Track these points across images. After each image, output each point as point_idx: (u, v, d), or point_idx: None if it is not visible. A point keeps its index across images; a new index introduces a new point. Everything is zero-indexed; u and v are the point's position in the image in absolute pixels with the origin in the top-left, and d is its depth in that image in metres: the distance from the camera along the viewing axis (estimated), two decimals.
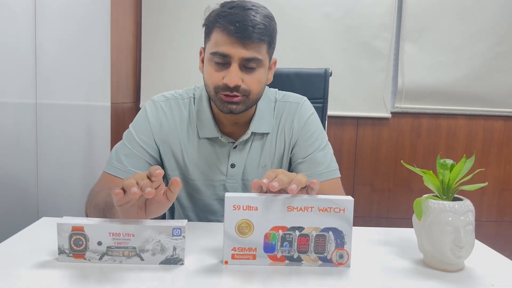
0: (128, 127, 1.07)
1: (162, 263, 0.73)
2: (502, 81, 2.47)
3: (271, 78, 1.05)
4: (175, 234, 0.71)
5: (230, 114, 0.96)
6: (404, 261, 0.79)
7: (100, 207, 0.87)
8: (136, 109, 2.53)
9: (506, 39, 2.44)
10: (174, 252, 0.72)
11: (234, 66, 0.91)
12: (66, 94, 1.62)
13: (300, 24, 2.46)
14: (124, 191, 0.69)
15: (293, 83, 1.42)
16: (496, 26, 2.44)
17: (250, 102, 0.97)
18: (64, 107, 1.61)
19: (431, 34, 2.46)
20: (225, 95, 0.93)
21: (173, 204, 1.21)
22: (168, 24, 2.50)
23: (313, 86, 1.43)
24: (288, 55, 2.43)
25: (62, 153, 1.61)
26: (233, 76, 0.91)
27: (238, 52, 0.90)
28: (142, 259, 0.72)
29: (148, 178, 0.70)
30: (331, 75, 1.44)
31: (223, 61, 0.92)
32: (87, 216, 0.93)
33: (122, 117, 2.29)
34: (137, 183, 0.69)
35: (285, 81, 1.24)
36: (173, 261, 0.73)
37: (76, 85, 1.67)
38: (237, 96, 0.93)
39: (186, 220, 0.74)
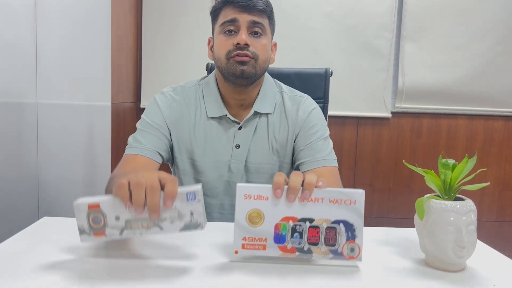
0: (128, 127, 1.09)
1: (182, 229, 0.70)
2: (502, 81, 2.47)
3: (274, 59, 1.15)
4: (190, 199, 0.69)
5: (241, 79, 1.03)
6: (406, 261, 0.79)
7: (109, 190, 0.87)
8: (137, 109, 2.53)
9: (506, 39, 2.44)
10: (192, 217, 0.70)
11: (243, 29, 1.03)
12: (66, 94, 1.62)
13: (300, 24, 2.46)
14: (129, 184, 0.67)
15: (293, 83, 1.41)
16: (496, 26, 2.44)
17: (258, 67, 1.05)
18: (65, 107, 1.61)
19: (431, 34, 2.46)
20: (237, 55, 1.02)
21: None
22: (168, 24, 2.50)
23: (313, 86, 1.43)
24: (289, 55, 2.43)
25: (63, 153, 1.61)
26: (243, 36, 1.02)
27: (245, 17, 1.03)
28: (161, 228, 0.70)
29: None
30: (331, 75, 1.44)
31: (232, 28, 1.03)
32: None
33: (123, 117, 2.29)
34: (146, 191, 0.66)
35: (285, 81, 1.25)
36: (193, 226, 0.70)
37: (77, 85, 1.67)
38: (248, 55, 1.02)
39: (200, 184, 0.71)
